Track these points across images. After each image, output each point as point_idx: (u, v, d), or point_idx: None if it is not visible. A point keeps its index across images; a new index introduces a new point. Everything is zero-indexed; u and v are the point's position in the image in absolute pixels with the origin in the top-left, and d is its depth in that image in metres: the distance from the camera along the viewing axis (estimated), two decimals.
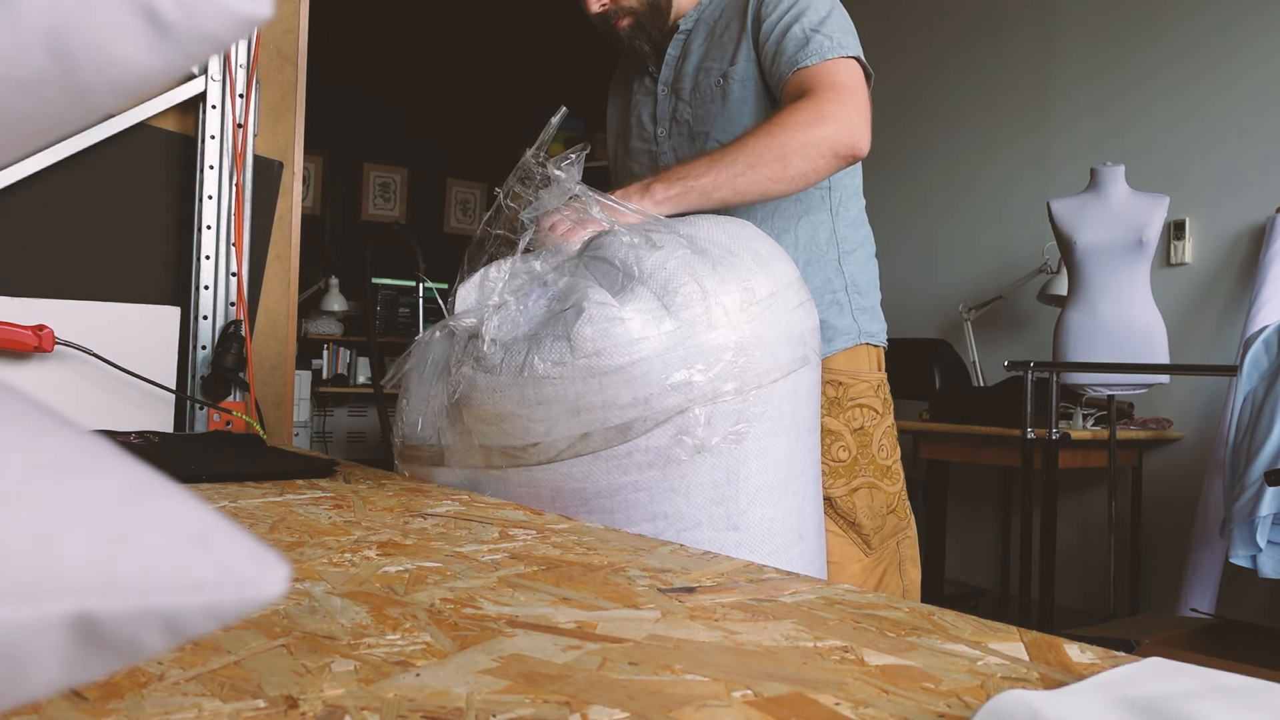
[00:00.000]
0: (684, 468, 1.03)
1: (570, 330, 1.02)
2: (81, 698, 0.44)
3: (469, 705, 0.45)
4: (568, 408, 1.02)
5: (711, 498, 1.04)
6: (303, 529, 0.86)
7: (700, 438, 1.02)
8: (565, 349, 1.01)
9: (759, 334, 1.06)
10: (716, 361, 1.03)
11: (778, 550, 1.07)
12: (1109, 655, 0.55)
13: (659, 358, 1.01)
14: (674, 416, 1.01)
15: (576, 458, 1.03)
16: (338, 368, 5.19)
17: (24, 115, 0.29)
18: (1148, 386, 3.35)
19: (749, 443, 1.05)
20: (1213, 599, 3.04)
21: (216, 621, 0.27)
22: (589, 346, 1.00)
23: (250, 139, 1.71)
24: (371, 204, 5.65)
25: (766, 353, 1.06)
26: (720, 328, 1.03)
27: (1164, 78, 3.56)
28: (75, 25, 0.28)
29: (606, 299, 1.02)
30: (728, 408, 1.03)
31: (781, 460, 1.08)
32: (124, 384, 1.60)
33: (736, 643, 0.56)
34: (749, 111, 1.49)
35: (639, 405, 1.01)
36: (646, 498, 1.03)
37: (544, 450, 1.04)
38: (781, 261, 1.15)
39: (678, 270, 1.05)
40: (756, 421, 1.05)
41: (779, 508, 1.08)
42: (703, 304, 1.03)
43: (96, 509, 0.27)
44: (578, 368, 1.01)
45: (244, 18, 0.30)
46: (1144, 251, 3.22)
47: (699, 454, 1.02)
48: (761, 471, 1.06)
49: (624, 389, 1.00)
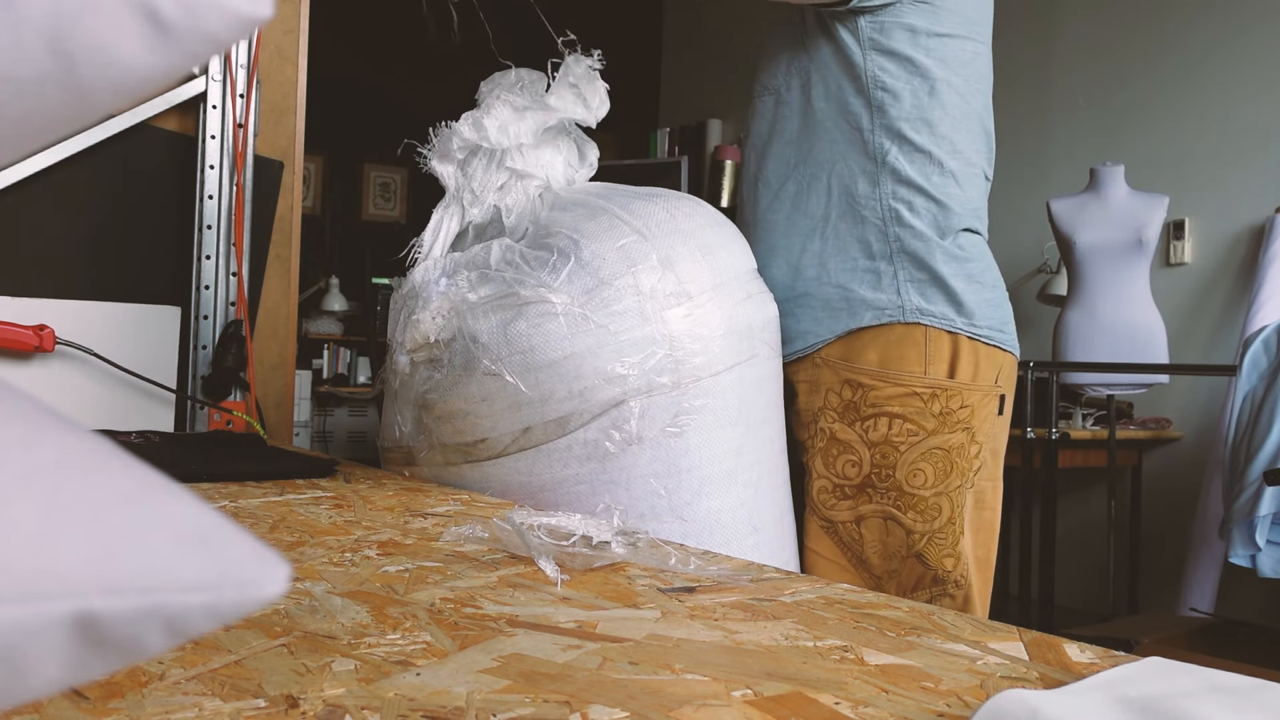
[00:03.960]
0: (623, 460, 1.04)
1: (506, 326, 1.04)
2: (82, 697, 0.44)
3: (469, 705, 0.45)
4: (509, 403, 1.05)
5: (653, 489, 1.05)
6: (303, 529, 0.86)
7: (634, 430, 1.04)
8: (503, 345, 1.04)
9: (695, 328, 1.07)
10: (651, 355, 1.04)
11: (729, 542, 1.08)
12: (1108, 655, 0.55)
13: (592, 352, 1.03)
14: (609, 410, 1.03)
15: (521, 452, 1.06)
16: (338, 368, 5.19)
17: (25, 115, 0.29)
18: (1147, 386, 3.35)
19: (690, 435, 1.06)
20: (1212, 598, 3.04)
21: (217, 621, 0.27)
22: (524, 342, 1.03)
23: (251, 139, 1.71)
24: (371, 204, 5.65)
25: (705, 346, 1.07)
26: (654, 322, 1.05)
27: (1164, 77, 3.56)
28: (76, 25, 0.28)
29: (541, 294, 1.04)
30: (665, 400, 1.04)
31: (728, 452, 1.09)
32: (124, 384, 1.60)
33: (736, 642, 0.56)
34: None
35: (574, 399, 1.03)
36: (588, 490, 1.05)
37: (491, 446, 1.07)
38: (729, 253, 1.15)
39: (616, 261, 1.06)
40: (697, 414, 1.06)
41: (727, 499, 1.09)
42: (636, 298, 1.05)
43: (97, 509, 0.27)
44: (514, 363, 1.03)
45: (244, 18, 0.30)
46: (1143, 251, 3.22)
47: (631, 446, 1.04)
48: (706, 464, 1.07)
49: (559, 383, 1.03)
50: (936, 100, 1.21)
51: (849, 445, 1.20)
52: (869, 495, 1.19)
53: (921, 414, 1.18)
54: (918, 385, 1.18)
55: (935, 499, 1.18)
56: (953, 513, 1.18)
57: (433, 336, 1.09)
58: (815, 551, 1.23)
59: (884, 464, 1.18)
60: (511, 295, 1.06)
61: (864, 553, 1.19)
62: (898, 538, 1.18)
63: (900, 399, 1.18)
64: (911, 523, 1.17)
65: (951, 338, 1.19)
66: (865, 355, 1.20)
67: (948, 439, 1.18)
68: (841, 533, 1.20)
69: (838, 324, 1.22)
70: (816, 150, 1.25)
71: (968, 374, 1.19)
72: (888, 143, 1.21)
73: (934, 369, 1.18)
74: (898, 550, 1.18)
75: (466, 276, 1.12)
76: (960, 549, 1.19)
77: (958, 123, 1.23)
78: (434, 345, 1.10)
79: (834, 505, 1.21)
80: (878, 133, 1.22)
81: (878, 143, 1.22)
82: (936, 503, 1.18)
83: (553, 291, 1.04)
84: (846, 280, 1.22)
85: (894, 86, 1.21)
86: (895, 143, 1.21)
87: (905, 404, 1.18)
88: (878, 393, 1.19)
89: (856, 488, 1.19)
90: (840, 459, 1.20)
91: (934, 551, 1.18)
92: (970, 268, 1.22)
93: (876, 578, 1.19)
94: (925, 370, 1.18)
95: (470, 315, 1.08)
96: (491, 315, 1.06)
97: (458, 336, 1.08)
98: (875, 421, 1.18)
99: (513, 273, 1.08)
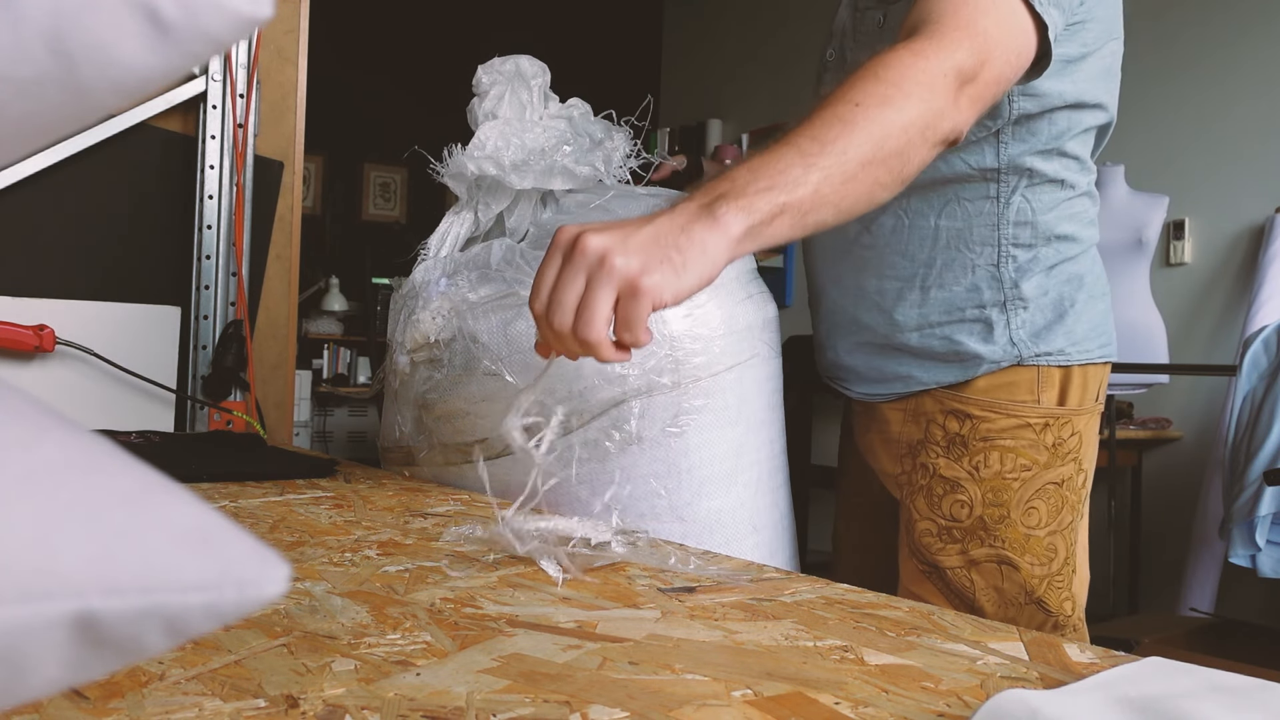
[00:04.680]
0: (623, 460, 1.04)
1: (506, 326, 1.04)
2: (82, 697, 0.44)
3: (469, 704, 0.45)
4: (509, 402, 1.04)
5: (653, 489, 1.05)
6: (303, 529, 0.86)
7: (633, 430, 1.04)
8: (504, 345, 1.04)
9: (696, 328, 1.07)
10: (651, 355, 1.04)
11: (729, 542, 1.08)
12: (1108, 655, 0.55)
13: None
14: (609, 409, 1.03)
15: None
16: (338, 368, 5.19)
17: (25, 115, 0.29)
18: (1147, 386, 3.35)
19: (690, 435, 1.06)
20: (1212, 598, 3.04)
21: (217, 621, 0.27)
22: (525, 342, 1.03)
23: (251, 139, 1.71)
24: (371, 204, 5.65)
25: (705, 346, 1.07)
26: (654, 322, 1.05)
27: (1163, 77, 3.56)
28: (76, 25, 0.28)
29: None
30: (665, 400, 1.04)
31: (729, 452, 1.09)
32: (124, 384, 1.60)
33: (736, 642, 0.56)
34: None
35: (574, 399, 1.03)
36: (588, 490, 1.05)
37: (491, 445, 1.07)
38: None
39: None
40: (697, 414, 1.06)
41: (727, 499, 1.09)
42: None
43: (97, 509, 0.27)
44: (515, 363, 1.03)
45: (245, 18, 0.30)
46: (1143, 251, 3.22)
47: (631, 446, 1.04)
48: (706, 463, 1.07)
49: (559, 383, 1.03)
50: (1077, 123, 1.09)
51: (956, 483, 1.09)
52: (980, 539, 1.08)
53: (1034, 446, 1.08)
54: (1031, 416, 1.08)
55: (1050, 539, 1.08)
56: (1068, 552, 1.10)
57: (432, 336, 1.10)
58: (918, 596, 1.11)
59: (996, 503, 1.08)
60: (512, 295, 1.06)
61: (976, 600, 1.09)
62: (1014, 583, 1.08)
63: (1012, 431, 1.08)
64: (1029, 566, 1.07)
65: (1063, 369, 1.11)
66: (973, 384, 1.10)
67: (1060, 472, 1.09)
68: (950, 579, 1.10)
69: (947, 375, 1.11)
70: (925, 186, 1.10)
71: (1076, 399, 1.11)
72: (1014, 178, 1.09)
73: (1045, 397, 1.09)
74: (1015, 597, 1.08)
75: (467, 276, 1.12)
76: (1074, 589, 1.11)
77: (1089, 134, 1.12)
78: (434, 345, 1.10)
79: (940, 549, 1.10)
80: (1005, 172, 1.09)
81: (1004, 179, 1.09)
82: (1051, 543, 1.09)
83: None
84: (953, 333, 1.11)
85: (1030, 121, 1.07)
86: (1024, 178, 1.09)
87: (1017, 436, 1.08)
88: (989, 424, 1.08)
89: (966, 530, 1.08)
90: (947, 499, 1.09)
91: (1054, 596, 1.09)
92: (1087, 281, 1.14)
93: None
94: (1038, 399, 1.09)
95: (470, 315, 1.08)
96: (492, 315, 1.06)
97: (458, 336, 1.08)
98: (986, 456, 1.08)
99: (513, 272, 1.09)
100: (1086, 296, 1.14)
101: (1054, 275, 1.11)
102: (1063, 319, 1.11)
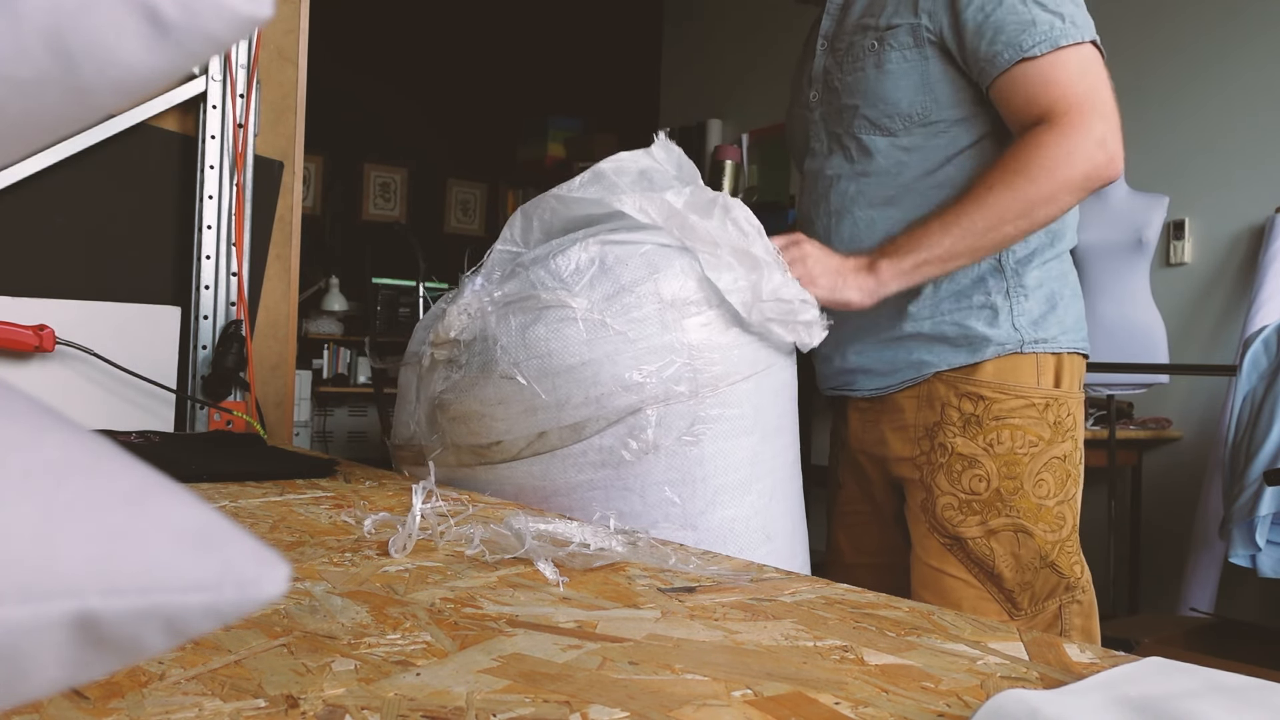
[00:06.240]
0: (638, 467, 1.04)
1: (525, 330, 1.04)
2: (82, 697, 0.44)
3: (469, 705, 0.45)
4: (525, 406, 1.04)
5: (667, 498, 1.05)
6: (303, 529, 0.86)
7: (650, 439, 1.03)
8: (521, 348, 1.03)
9: (714, 337, 1.06)
10: (669, 364, 1.03)
11: (742, 550, 1.07)
12: (1108, 655, 0.55)
13: (610, 359, 1.02)
14: (626, 417, 1.03)
15: (535, 456, 1.06)
16: (338, 368, 5.19)
17: (25, 115, 0.29)
18: (1147, 386, 3.35)
19: (706, 444, 1.05)
20: (1212, 598, 3.04)
21: (217, 621, 0.27)
22: (542, 347, 1.02)
23: (251, 139, 1.71)
24: (371, 204, 5.65)
25: (723, 355, 1.06)
26: (673, 330, 1.04)
27: (1163, 77, 3.56)
28: (76, 25, 0.28)
29: (560, 299, 1.03)
30: (682, 408, 1.04)
31: (744, 461, 1.08)
32: (124, 384, 1.60)
33: (736, 642, 0.56)
34: (906, 89, 1.21)
35: (591, 405, 1.02)
36: (602, 496, 1.04)
37: (506, 449, 1.07)
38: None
39: (639, 268, 1.05)
40: (713, 423, 1.06)
41: (741, 508, 1.08)
42: (657, 305, 1.04)
43: (97, 509, 0.27)
44: (531, 367, 1.03)
45: (245, 18, 0.30)
46: (1143, 251, 3.22)
47: (647, 455, 1.03)
48: (721, 472, 1.07)
49: (575, 389, 1.02)
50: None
51: (974, 459, 1.20)
52: (997, 509, 1.19)
53: (1039, 424, 1.20)
54: (1035, 396, 1.20)
55: (1059, 508, 1.20)
56: (1075, 521, 1.22)
57: (454, 333, 1.09)
58: (940, 570, 1.22)
59: (1010, 475, 1.19)
60: (532, 298, 1.05)
61: (996, 567, 1.19)
62: (1030, 549, 1.18)
63: (1020, 410, 1.20)
64: (1042, 534, 1.18)
65: (1055, 355, 1.23)
66: (982, 369, 1.22)
67: (1061, 448, 1.21)
68: (971, 549, 1.20)
69: (957, 358, 1.23)
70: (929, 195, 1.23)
71: (1067, 383, 1.24)
72: None
73: (1043, 380, 1.22)
74: (1030, 562, 1.19)
75: (498, 271, 1.12)
76: (1081, 554, 1.23)
77: None
78: (455, 343, 1.09)
79: (962, 521, 1.20)
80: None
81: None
82: (1060, 511, 1.20)
83: (572, 296, 1.03)
84: (963, 319, 1.23)
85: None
86: None
87: (1024, 415, 1.20)
88: (1000, 405, 1.20)
89: (984, 503, 1.19)
90: (966, 474, 1.20)
91: (1065, 560, 1.20)
92: (1070, 280, 1.27)
93: (1008, 591, 1.19)
94: (1038, 382, 1.21)
95: (490, 317, 1.08)
96: (510, 318, 1.05)
97: (478, 338, 1.07)
98: (999, 434, 1.19)
99: (539, 270, 1.08)
100: (1070, 293, 1.28)
101: (1047, 270, 1.25)
102: (1054, 309, 1.24)
